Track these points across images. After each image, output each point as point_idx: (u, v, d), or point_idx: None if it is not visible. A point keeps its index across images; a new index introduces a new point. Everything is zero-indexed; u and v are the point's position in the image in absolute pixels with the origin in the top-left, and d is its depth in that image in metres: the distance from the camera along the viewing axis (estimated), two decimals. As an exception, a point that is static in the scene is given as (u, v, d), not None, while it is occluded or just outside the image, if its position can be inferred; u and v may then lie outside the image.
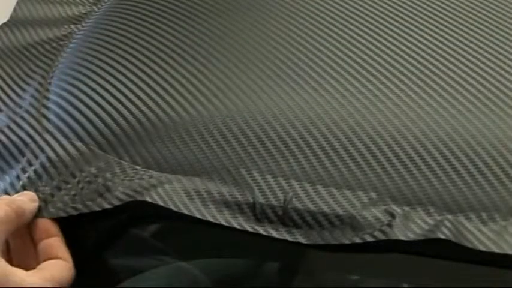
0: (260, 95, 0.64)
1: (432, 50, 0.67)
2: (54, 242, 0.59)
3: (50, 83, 0.71)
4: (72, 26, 0.79)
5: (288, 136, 0.62)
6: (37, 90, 0.71)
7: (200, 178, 0.61)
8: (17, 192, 0.62)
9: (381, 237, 0.56)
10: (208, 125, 0.63)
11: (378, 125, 0.61)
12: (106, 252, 0.65)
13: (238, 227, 0.58)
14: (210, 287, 0.65)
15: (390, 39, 0.68)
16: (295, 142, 0.61)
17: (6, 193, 0.63)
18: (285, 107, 0.63)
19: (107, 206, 0.60)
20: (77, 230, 0.62)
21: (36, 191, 0.62)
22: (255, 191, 0.60)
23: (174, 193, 0.60)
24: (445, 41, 0.68)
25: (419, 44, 0.68)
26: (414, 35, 0.69)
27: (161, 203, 0.59)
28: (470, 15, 0.71)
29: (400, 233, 0.56)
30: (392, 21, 0.70)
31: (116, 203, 0.60)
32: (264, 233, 0.58)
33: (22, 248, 0.60)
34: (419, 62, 0.66)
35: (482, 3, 0.72)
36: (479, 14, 0.71)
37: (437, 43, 0.68)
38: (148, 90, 0.66)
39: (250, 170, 0.61)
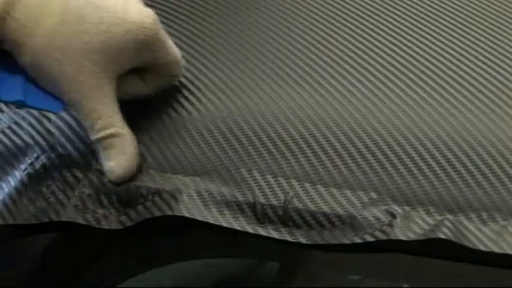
0: (260, 95, 0.64)
1: (432, 49, 0.67)
2: None
3: (50, 83, 0.71)
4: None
5: (288, 136, 0.62)
6: (38, 90, 0.71)
7: (201, 178, 0.61)
8: (19, 193, 0.63)
9: (382, 237, 0.56)
10: (209, 124, 0.63)
11: (378, 124, 0.61)
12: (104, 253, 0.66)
13: (239, 228, 0.58)
14: (210, 286, 0.65)
15: (391, 38, 0.68)
16: (295, 142, 0.61)
17: (8, 194, 0.63)
18: (285, 107, 0.63)
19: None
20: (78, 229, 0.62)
21: (39, 192, 0.62)
22: (255, 191, 0.60)
23: (175, 194, 0.60)
24: (446, 41, 0.68)
25: (419, 44, 0.68)
26: (414, 34, 0.69)
27: (165, 207, 0.59)
28: (471, 14, 0.71)
29: (401, 233, 0.56)
30: (393, 21, 0.70)
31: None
32: (265, 234, 0.58)
33: None
34: (419, 61, 0.66)
35: (483, 3, 0.72)
36: (479, 14, 0.71)
37: (437, 43, 0.68)
38: (149, 90, 0.66)
39: (250, 170, 0.61)
